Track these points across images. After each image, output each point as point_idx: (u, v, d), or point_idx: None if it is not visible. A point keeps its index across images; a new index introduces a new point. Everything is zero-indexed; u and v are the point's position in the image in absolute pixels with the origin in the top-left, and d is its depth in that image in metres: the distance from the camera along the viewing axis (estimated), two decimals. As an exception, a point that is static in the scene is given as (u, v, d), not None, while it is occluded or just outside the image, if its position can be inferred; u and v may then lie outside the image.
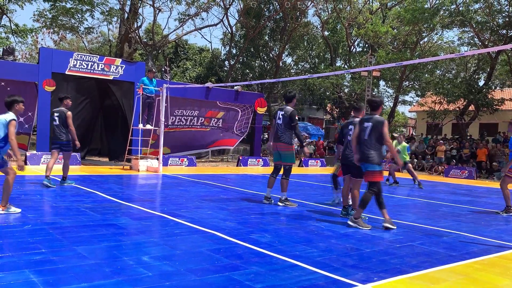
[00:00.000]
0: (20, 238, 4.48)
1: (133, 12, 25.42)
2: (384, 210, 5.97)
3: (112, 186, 9.09)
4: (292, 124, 7.39)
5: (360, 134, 6.06)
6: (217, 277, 3.60)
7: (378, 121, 5.94)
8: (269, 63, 34.57)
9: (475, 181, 16.52)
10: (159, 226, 5.48)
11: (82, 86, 15.29)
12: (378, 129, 5.89)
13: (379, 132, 5.89)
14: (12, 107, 5.71)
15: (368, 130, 5.94)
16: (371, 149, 5.91)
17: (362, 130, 6.03)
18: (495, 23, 22.31)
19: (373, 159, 5.89)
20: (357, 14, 29.74)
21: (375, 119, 5.96)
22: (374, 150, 5.91)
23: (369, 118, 6.03)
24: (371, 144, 5.92)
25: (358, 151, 6.09)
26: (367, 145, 5.94)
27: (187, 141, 18.11)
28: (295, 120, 7.46)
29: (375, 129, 5.90)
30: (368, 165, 5.93)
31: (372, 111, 6.15)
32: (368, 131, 5.94)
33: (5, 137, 5.54)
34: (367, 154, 5.92)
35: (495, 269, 4.37)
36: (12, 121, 5.54)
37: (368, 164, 5.92)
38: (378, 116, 6.07)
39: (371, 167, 5.91)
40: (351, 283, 3.64)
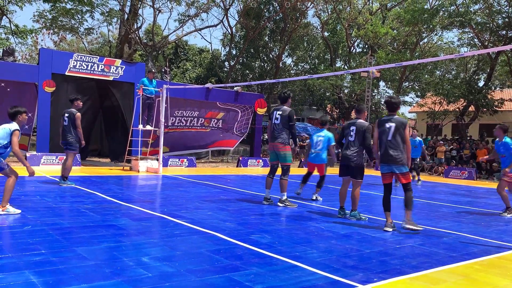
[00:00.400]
0: (20, 239, 4.48)
1: (133, 13, 25.44)
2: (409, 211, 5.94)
3: (112, 187, 9.09)
4: (290, 123, 7.39)
5: (382, 136, 5.96)
6: (217, 278, 3.60)
7: (402, 122, 5.91)
8: (269, 64, 34.59)
9: (475, 182, 16.52)
10: (159, 227, 5.48)
11: (82, 87, 15.30)
12: (401, 130, 5.85)
13: (402, 133, 5.86)
14: (15, 118, 5.82)
15: (392, 131, 5.87)
16: (397, 150, 5.84)
17: (384, 132, 5.94)
18: (494, 24, 22.33)
19: (402, 160, 5.84)
20: (357, 15, 29.76)
21: (398, 120, 5.91)
22: (400, 151, 5.85)
23: (390, 119, 5.94)
24: (396, 145, 5.84)
25: (382, 154, 5.97)
26: (392, 146, 5.85)
27: (187, 142, 18.11)
28: (294, 120, 7.46)
29: (399, 130, 5.86)
30: (399, 167, 5.85)
31: (391, 112, 6.08)
32: (391, 132, 5.87)
33: (6, 144, 5.65)
34: (395, 156, 5.82)
35: (495, 269, 4.37)
36: (15, 131, 5.65)
37: (398, 166, 5.84)
38: (398, 117, 6.04)
39: (404, 169, 5.87)
40: (351, 284, 3.64)
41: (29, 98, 14.13)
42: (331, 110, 38.32)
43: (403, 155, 5.86)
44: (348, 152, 6.62)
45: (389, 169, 5.95)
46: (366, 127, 6.59)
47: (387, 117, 6.07)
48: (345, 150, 6.70)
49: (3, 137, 5.62)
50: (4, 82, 13.64)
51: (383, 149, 5.95)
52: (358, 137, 6.57)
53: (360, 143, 6.57)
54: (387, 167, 5.96)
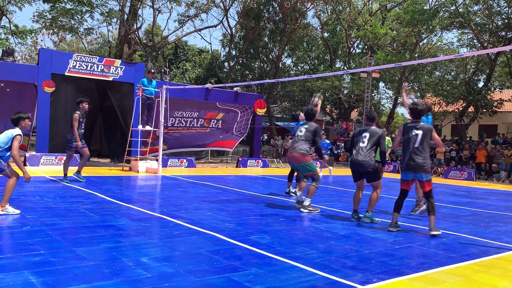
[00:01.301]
0: (19, 239, 4.47)
1: (132, 13, 25.44)
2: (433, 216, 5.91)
3: (111, 187, 9.09)
4: (315, 138, 7.37)
5: (408, 143, 5.91)
6: (216, 278, 3.60)
7: (428, 128, 5.92)
8: (268, 65, 34.60)
9: (475, 183, 16.53)
10: (159, 227, 5.48)
11: (82, 87, 15.31)
12: (428, 137, 5.85)
13: (428, 140, 5.85)
14: (18, 123, 5.91)
15: (419, 138, 5.83)
16: (425, 158, 5.83)
17: (410, 139, 5.89)
18: (494, 25, 22.35)
19: (428, 168, 5.84)
20: (356, 16, 29.78)
21: (425, 127, 5.90)
22: (426, 158, 5.84)
23: (416, 126, 5.91)
24: (423, 152, 5.82)
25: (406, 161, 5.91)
26: (419, 153, 5.81)
27: (186, 142, 18.12)
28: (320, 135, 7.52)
29: (426, 136, 5.84)
30: (424, 175, 5.82)
31: (416, 119, 6.03)
32: (419, 139, 5.83)
33: (7, 148, 5.74)
34: (421, 163, 5.79)
35: (494, 270, 4.37)
36: (17, 136, 5.74)
37: (424, 173, 5.82)
38: (424, 123, 6.03)
39: (429, 176, 5.86)
40: (350, 285, 3.64)
41: (29, 98, 14.13)
42: (330, 110, 38.33)
43: (429, 161, 5.88)
44: (360, 158, 6.50)
45: (413, 177, 5.91)
46: (381, 134, 6.55)
47: (412, 123, 6.01)
48: (356, 156, 6.58)
49: (4, 142, 5.72)
50: (3, 82, 13.64)
51: (408, 156, 5.88)
52: (371, 143, 6.49)
53: (371, 147, 6.49)
54: (412, 174, 5.89)
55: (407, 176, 5.97)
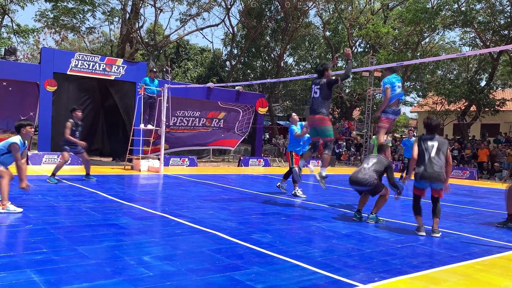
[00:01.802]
0: (22, 238, 4.49)
1: (134, 12, 25.45)
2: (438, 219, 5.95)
3: (113, 186, 9.10)
4: (328, 91, 7.02)
5: (424, 154, 5.91)
6: (218, 277, 3.60)
7: (444, 141, 5.96)
8: (270, 64, 34.57)
9: (477, 182, 16.50)
10: (160, 226, 5.49)
11: (84, 86, 15.33)
12: (444, 149, 5.89)
13: (445, 152, 5.89)
14: (19, 131, 6.05)
15: (435, 148, 5.86)
16: (441, 167, 5.84)
17: (426, 149, 5.90)
18: (497, 24, 22.29)
19: (443, 178, 5.86)
20: (358, 15, 29.73)
21: (440, 140, 5.94)
22: (442, 167, 5.87)
23: (432, 138, 5.95)
24: (439, 161, 5.82)
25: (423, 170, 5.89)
26: (434, 162, 5.80)
27: (188, 141, 18.13)
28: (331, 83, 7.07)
29: (442, 148, 5.88)
30: (439, 184, 5.84)
31: (430, 133, 6.04)
32: (435, 149, 5.85)
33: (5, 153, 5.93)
34: (438, 172, 5.79)
35: (496, 269, 4.36)
36: (13, 144, 5.87)
37: (440, 183, 5.83)
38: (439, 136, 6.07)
39: (442, 185, 5.88)
40: (352, 283, 3.64)
41: (31, 97, 14.15)
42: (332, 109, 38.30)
43: (443, 171, 5.88)
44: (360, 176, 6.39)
45: (428, 185, 5.90)
46: (387, 165, 6.53)
47: (428, 136, 6.03)
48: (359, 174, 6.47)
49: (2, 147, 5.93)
50: (6, 81, 13.67)
51: (424, 167, 5.86)
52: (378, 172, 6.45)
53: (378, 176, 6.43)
54: (428, 183, 5.87)
55: (422, 184, 5.94)
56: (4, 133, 13.23)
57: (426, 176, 5.81)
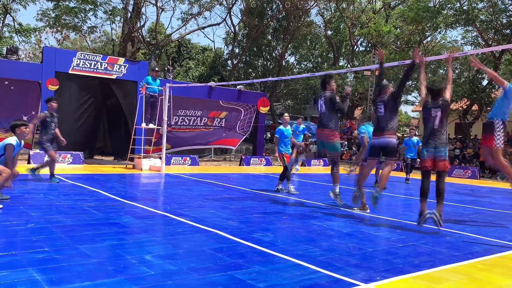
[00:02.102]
0: (24, 237, 4.50)
1: (136, 12, 25.47)
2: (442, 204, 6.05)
3: (115, 185, 9.11)
4: (335, 107, 7.13)
5: (428, 123, 6.01)
6: (219, 276, 3.61)
7: (446, 103, 6.01)
8: (272, 63, 34.55)
9: (478, 181, 16.48)
10: (162, 225, 5.49)
11: (86, 85, 15.34)
12: (447, 111, 5.96)
13: (448, 112, 6.00)
14: (14, 131, 6.21)
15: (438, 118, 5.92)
16: (444, 132, 5.98)
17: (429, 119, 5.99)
18: (499, 22, 22.23)
19: (447, 141, 5.97)
20: (360, 14, 29.69)
21: (443, 105, 5.98)
22: (445, 132, 5.98)
23: (435, 105, 5.99)
24: (442, 129, 5.95)
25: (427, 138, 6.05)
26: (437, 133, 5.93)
27: (190, 140, 18.15)
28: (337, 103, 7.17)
29: (445, 112, 5.94)
30: (443, 149, 5.92)
31: (435, 99, 6.07)
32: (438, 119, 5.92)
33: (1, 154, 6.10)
34: (441, 138, 5.93)
35: (497, 269, 4.36)
36: (8, 145, 6.05)
37: (443, 147, 5.92)
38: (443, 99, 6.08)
39: (446, 153, 5.95)
40: (354, 283, 3.64)
41: (33, 96, 14.17)
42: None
43: (447, 136, 6.00)
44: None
45: (433, 152, 5.97)
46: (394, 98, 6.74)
47: (432, 103, 6.07)
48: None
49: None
50: (7, 80, 13.69)
51: (429, 135, 6.00)
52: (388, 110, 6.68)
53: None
54: (432, 149, 5.98)
55: (428, 150, 6.03)
56: (6, 133, 13.25)
57: (431, 144, 5.95)
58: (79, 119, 15.39)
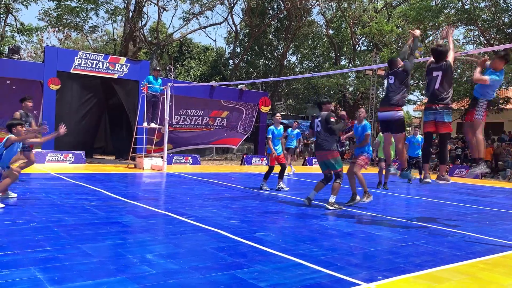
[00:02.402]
0: (26, 236, 4.51)
1: (137, 11, 25.48)
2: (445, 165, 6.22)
3: (116, 184, 9.12)
4: (328, 126, 7.22)
5: (430, 85, 6.01)
6: (221, 275, 3.61)
7: (448, 64, 5.98)
8: (273, 62, 34.54)
9: (480, 181, 16.45)
10: (164, 224, 5.50)
11: (87, 84, 15.36)
12: (450, 72, 5.94)
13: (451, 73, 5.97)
14: (11, 130, 6.33)
15: (439, 79, 5.92)
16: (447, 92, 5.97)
17: (431, 80, 5.99)
18: (501, 22, 22.18)
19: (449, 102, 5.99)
20: (361, 13, 29.66)
21: (445, 65, 5.98)
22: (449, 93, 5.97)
23: (437, 67, 6.00)
24: (443, 91, 5.93)
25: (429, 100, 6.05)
26: (438, 93, 5.93)
27: (192, 140, 18.16)
28: (331, 122, 7.24)
29: (446, 74, 5.93)
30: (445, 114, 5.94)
31: (438, 61, 6.07)
32: (439, 80, 5.93)
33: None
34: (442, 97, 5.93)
35: (499, 268, 4.35)
36: (9, 137, 6.17)
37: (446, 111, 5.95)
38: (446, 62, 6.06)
39: (449, 118, 6.00)
40: (355, 282, 3.64)
41: (35, 96, 14.16)
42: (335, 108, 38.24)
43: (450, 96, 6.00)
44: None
45: (434, 117, 6.01)
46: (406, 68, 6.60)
47: (434, 65, 6.08)
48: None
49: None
50: (9, 79, 13.71)
51: (430, 95, 6.02)
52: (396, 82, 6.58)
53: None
54: (432, 114, 6.01)
55: (427, 116, 6.10)
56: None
57: (431, 108, 5.99)
58: (80, 119, 15.41)
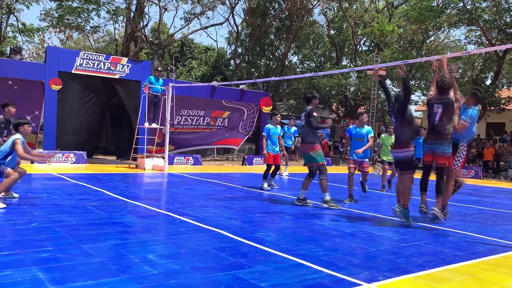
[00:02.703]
0: (27, 236, 4.51)
1: (139, 11, 25.49)
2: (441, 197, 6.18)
3: (118, 185, 9.13)
4: (309, 119, 7.27)
5: (430, 119, 6.01)
6: (222, 276, 3.61)
7: (450, 102, 5.96)
8: (274, 62, 34.53)
9: (482, 181, 16.43)
10: (165, 225, 5.50)
11: (89, 85, 15.37)
12: (450, 111, 5.89)
13: (450, 115, 5.91)
14: (17, 129, 6.29)
15: (439, 114, 5.89)
16: (445, 127, 5.94)
17: (432, 115, 5.98)
18: (502, 22, 22.15)
19: (448, 137, 5.96)
20: (363, 13, 29.64)
21: (447, 102, 5.95)
22: (446, 128, 5.95)
23: (439, 101, 5.98)
24: (442, 126, 5.92)
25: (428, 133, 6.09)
26: (436, 128, 5.93)
27: (193, 141, 18.17)
28: (313, 116, 7.27)
29: (447, 111, 5.90)
30: (446, 146, 5.94)
31: (441, 95, 6.02)
32: (438, 114, 5.90)
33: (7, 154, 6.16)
34: (440, 131, 5.92)
35: (501, 269, 4.35)
36: (16, 140, 6.12)
37: (446, 143, 5.94)
38: (447, 98, 6.03)
39: (449, 149, 5.98)
40: (356, 282, 3.64)
41: (36, 96, 14.21)
42: (336, 108, 38.21)
43: (449, 131, 5.97)
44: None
45: (432, 148, 6.05)
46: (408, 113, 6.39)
47: (436, 99, 6.06)
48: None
49: (6, 146, 6.17)
50: (11, 80, 13.73)
51: (429, 129, 6.05)
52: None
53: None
54: (430, 145, 6.06)
55: (426, 147, 6.11)
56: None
57: (429, 139, 6.02)
58: (82, 119, 15.42)
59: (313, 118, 7.26)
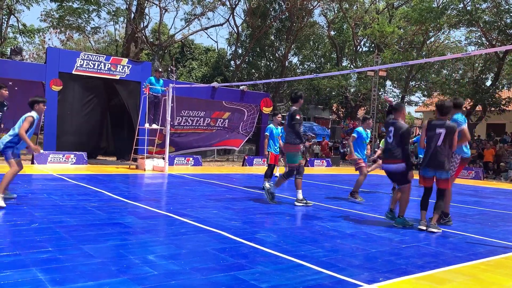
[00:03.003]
0: (27, 237, 4.51)
1: (139, 12, 25.52)
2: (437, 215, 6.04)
3: (118, 185, 9.13)
4: (292, 122, 7.37)
5: (431, 141, 5.89)
6: (222, 276, 3.61)
7: (452, 127, 5.83)
8: (275, 63, 34.57)
9: (482, 182, 16.42)
10: (165, 225, 5.50)
11: (89, 85, 15.38)
12: (451, 136, 5.79)
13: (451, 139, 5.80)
14: (33, 107, 6.26)
15: (442, 136, 5.79)
16: (446, 157, 5.82)
17: (433, 136, 5.85)
18: (502, 23, 22.17)
19: (449, 167, 5.87)
20: (363, 14, 29.67)
21: (449, 126, 5.83)
22: (447, 157, 5.84)
23: (441, 124, 5.86)
24: (445, 150, 5.80)
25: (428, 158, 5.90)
26: (440, 152, 5.80)
27: (194, 143, 18.17)
28: (295, 119, 7.35)
29: (450, 135, 5.79)
30: (444, 173, 5.84)
31: (441, 116, 5.95)
32: (441, 137, 5.79)
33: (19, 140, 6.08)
34: (443, 162, 5.79)
35: (501, 270, 4.35)
36: (27, 117, 6.06)
37: (444, 172, 5.83)
38: (449, 122, 5.96)
39: (447, 175, 5.87)
40: (357, 283, 3.64)
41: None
42: (337, 109, 38.23)
43: (449, 160, 5.90)
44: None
45: (433, 174, 5.94)
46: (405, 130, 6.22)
47: (438, 121, 5.95)
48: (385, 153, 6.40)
49: (18, 124, 6.07)
50: (11, 81, 13.72)
51: (430, 155, 5.89)
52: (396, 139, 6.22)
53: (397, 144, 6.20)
54: (432, 172, 5.92)
55: (428, 173, 5.98)
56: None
57: (431, 165, 5.89)
58: (82, 120, 15.43)
59: (295, 122, 7.35)
